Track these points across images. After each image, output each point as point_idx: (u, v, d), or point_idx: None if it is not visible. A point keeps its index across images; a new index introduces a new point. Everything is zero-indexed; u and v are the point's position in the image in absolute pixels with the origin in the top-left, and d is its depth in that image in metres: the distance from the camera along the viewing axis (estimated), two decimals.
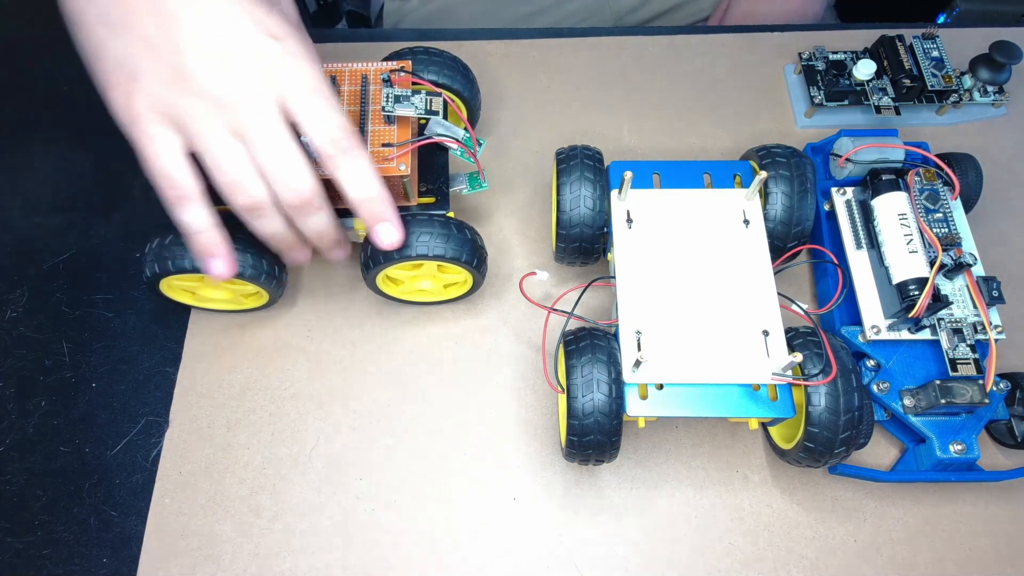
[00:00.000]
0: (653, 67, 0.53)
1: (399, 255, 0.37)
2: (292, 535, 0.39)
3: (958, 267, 0.40)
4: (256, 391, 0.42)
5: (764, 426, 0.40)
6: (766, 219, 0.40)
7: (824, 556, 0.38)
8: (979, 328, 0.39)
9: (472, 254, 0.39)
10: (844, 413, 0.34)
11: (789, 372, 0.35)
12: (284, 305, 0.45)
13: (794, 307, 0.38)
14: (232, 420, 0.42)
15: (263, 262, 0.38)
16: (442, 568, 0.38)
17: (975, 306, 0.40)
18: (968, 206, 0.44)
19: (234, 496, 0.40)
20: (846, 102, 0.49)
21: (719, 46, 0.54)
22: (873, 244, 0.41)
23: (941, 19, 0.71)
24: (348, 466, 0.40)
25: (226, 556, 0.38)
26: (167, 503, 0.40)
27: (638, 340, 0.36)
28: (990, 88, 0.49)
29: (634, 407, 0.35)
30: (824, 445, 0.34)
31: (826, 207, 0.44)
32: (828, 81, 0.50)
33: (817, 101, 0.49)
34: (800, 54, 0.51)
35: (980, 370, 0.38)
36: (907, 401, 0.38)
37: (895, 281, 0.39)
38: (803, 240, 0.41)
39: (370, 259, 0.38)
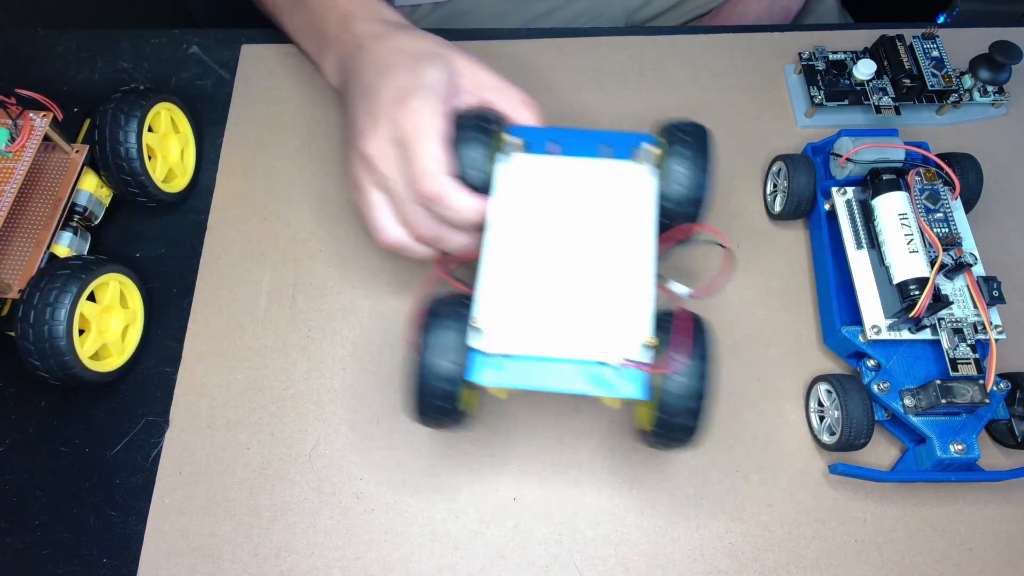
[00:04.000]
0: (653, 67, 0.53)
1: None
2: (292, 535, 0.39)
3: (958, 267, 0.40)
4: (256, 391, 0.42)
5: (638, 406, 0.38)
6: (661, 196, 0.37)
7: (824, 556, 0.38)
8: (979, 328, 0.39)
9: None
10: (693, 399, 0.32)
11: (650, 354, 0.33)
12: (284, 305, 0.45)
13: (674, 289, 0.36)
14: (232, 420, 0.42)
15: None
16: (442, 568, 0.38)
17: (975, 306, 0.40)
18: (968, 206, 0.44)
19: (234, 496, 0.40)
20: (846, 102, 0.49)
21: (719, 46, 0.54)
22: (873, 244, 0.41)
23: (941, 19, 0.71)
24: (348, 466, 0.40)
25: (226, 556, 0.38)
26: (167, 503, 0.40)
27: (496, 308, 0.34)
28: (990, 88, 0.49)
29: (480, 375, 0.33)
30: (671, 430, 0.33)
31: (826, 207, 0.44)
32: (828, 81, 0.50)
33: (817, 101, 0.49)
34: (800, 54, 0.51)
35: (980, 370, 0.38)
36: (907, 401, 0.38)
37: (895, 281, 0.39)
38: (697, 219, 0.38)
39: None
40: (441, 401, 0.33)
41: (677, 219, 0.37)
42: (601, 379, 0.33)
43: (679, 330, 0.33)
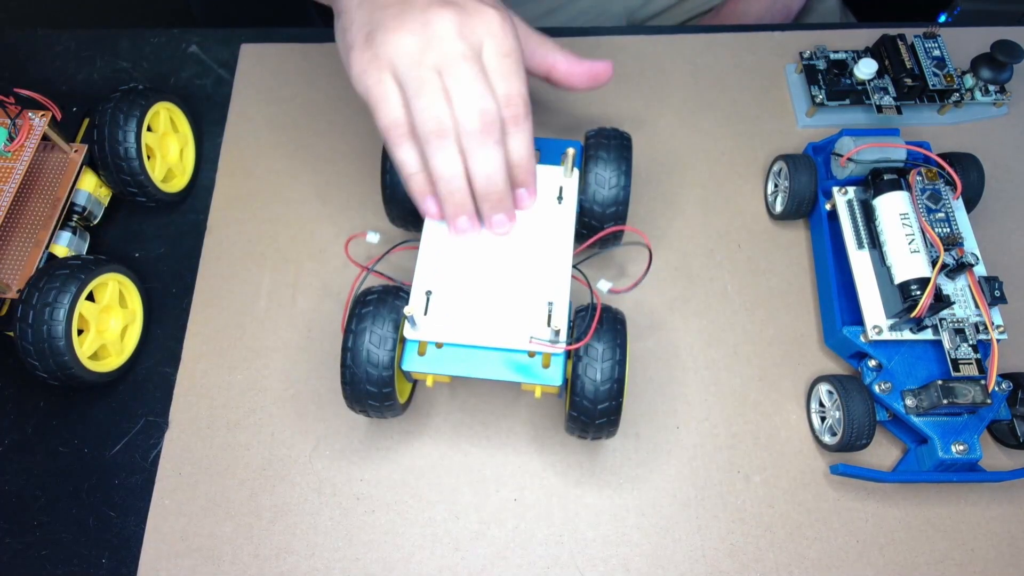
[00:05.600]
0: (653, 67, 0.53)
1: None
2: (292, 536, 0.39)
3: (960, 267, 0.40)
4: (256, 391, 0.42)
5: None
6: (584, 199, 0.40)
7: (826, 557, 0.38)
8: (981, 328, 0.39)
9: None
10: (603, 383, 0.34)
11: (555, 337, 0.35)
12: (284, 305, 0.45)
13: (597, 285, 0.38)
14: (232, 421, 0.42)
15: None
16: (443, 569, 0.38)
17: (977, 306, 0.39)
18: (970, 206, 0.44)
19: (234, 497, 0.40)
20: (847, 101, 0.49)
21: (719, 46, 0.54)
22: (875, 244, 0.41)
23: (942, 18, 0.71)
24: (348, 467, 0.40)
25: (226, 557, 0.38)
26: (167, 504, 0.40)
27: (427, 300, 0.36)
28: (991, 87, 0.49)
29: (410, 363, 0.35)
30: (585, 414, 0.35)
31: (828, 206, 0.44)
32: (829, 80, 0.50)
33: (818, 100, 0.49)
34: (801, 53, 0.51)
35: (982, 370, 0.38)
36: (909, 401, 0.38)
37: (897, 281, 0.39)
38: (619, 222, 0.40)
39: None
40: (374, 388, 0.35)
41: (604, 220, 0.40)
42: (521, 366, 0.35)
43: (591, 319, 0.35)
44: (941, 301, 0.38)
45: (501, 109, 0.34)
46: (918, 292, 0.38)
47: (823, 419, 0.40)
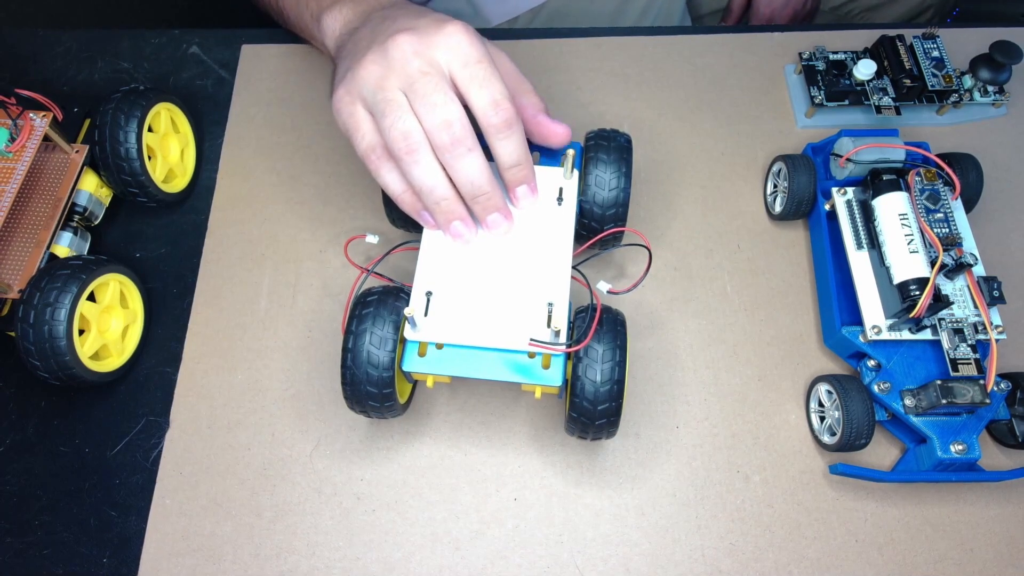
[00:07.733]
0: (653, 67, 0.53)
1: None
2: (293, 536, 0.39)
3: (959, 267, 0.40)
4: (256, 391, 0.42)
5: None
6: (584, 200, 0.40)
7: (825, 556, 0.38)
8: (980, 328, 0.39)
9: None
10: (603, 384, 0.34)
11: (555, 337, 0.35)
12: (284, 305, 0.45)
13: (596, 286, 0.38)
14: (233, 421, 0.42)
15: None
16: (443, 569, 0.38)
17: (976, 306, 0.40)
18: (969, 206, 0.44)
19: (235, 497, 0.40)
20: (846, 102, 0.49)
21: (719, 46, 0.54)
22: (874, 244, 0.41)
23: None
24: (349, 467, 0.40)
25: (227, 557, 0.38)
26: (168, 503, 0.40)
27: (427, 301, 0.36)
28: (990, 88, 0.49)
29: (411, 363, 0.36)
30: (585, 415, 0.35)
31: (827, 207, 0.44)
32: (828, 81, 0.50)
33: (817, 101, 0.49)
34: (800, 54, 0.51)
35: (981, 370, 0.38)
36: (908, 401, 0.38)
37: (896, 281, 0.39)
38: (619, 223, 0.40)
39: None
40: (374, 388, 0.35)
41: (604, 222, 0.40)
42: (521, 367, 0.35)
43: (591, 320, 0.35)
44: (940, 301, 0.38)
45: (490, 116, 0.35)
46: (917, 292, 0.38)
47: (822, 419, 0.40)
